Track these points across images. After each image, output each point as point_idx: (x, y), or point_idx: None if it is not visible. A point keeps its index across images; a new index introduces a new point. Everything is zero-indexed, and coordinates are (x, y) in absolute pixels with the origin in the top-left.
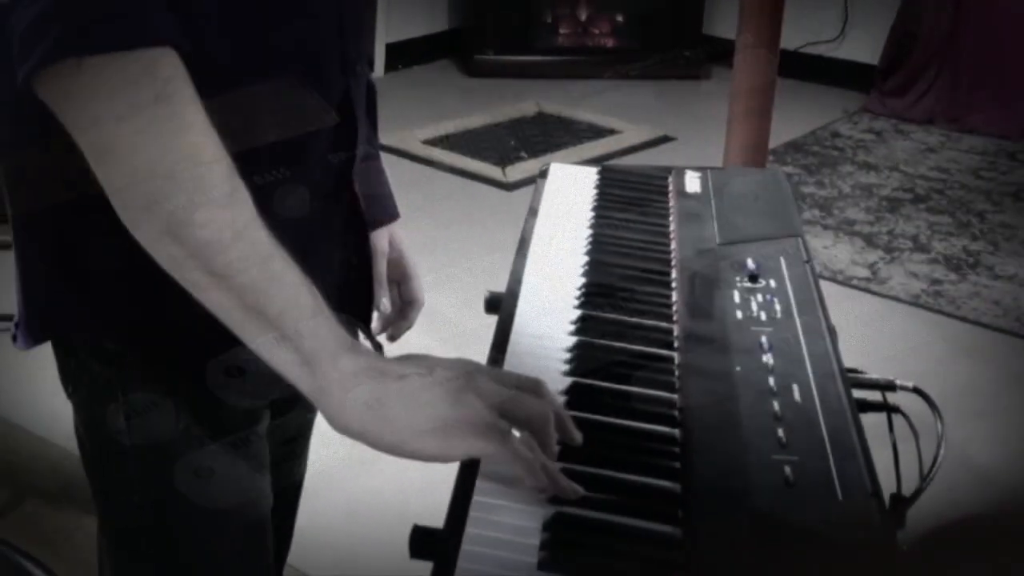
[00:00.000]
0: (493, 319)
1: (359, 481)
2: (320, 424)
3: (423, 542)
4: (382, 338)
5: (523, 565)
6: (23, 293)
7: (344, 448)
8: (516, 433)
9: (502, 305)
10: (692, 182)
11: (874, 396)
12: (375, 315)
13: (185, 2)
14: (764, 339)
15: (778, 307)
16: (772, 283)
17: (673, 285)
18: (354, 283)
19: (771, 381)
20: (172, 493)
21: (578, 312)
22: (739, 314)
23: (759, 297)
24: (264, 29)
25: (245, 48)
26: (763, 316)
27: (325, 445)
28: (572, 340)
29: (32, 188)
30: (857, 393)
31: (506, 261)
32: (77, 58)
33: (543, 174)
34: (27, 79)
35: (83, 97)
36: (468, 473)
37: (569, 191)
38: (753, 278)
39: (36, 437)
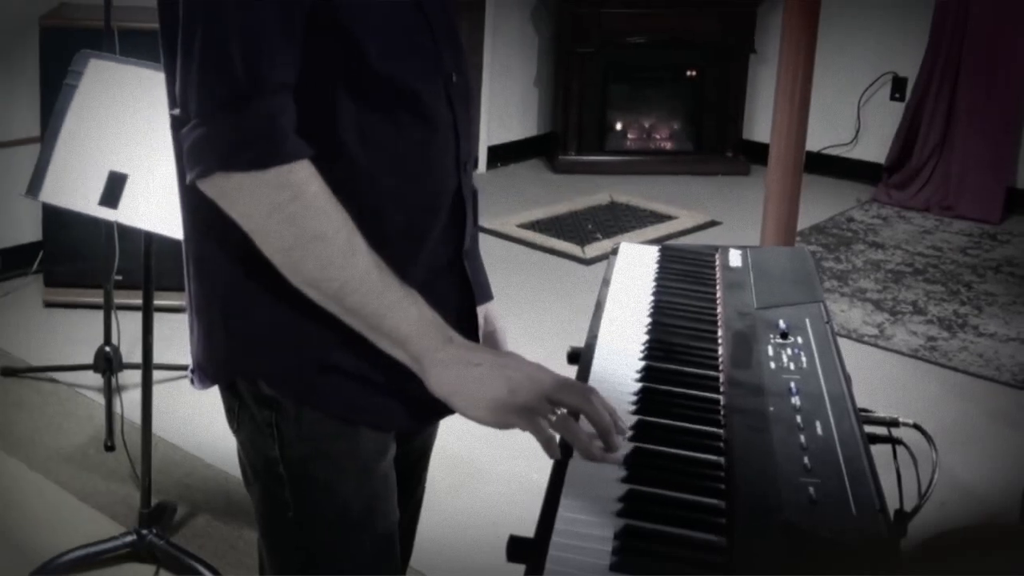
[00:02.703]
0: (574, 369)
1: (466, 497)
2: (437, 449)
3: (517, 548)
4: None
5: (598, 568)
6: (205, 345)
7: (455, 470)
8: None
9: (581, 357)
10: (735, 258)
11: (881, 431)
12: None
13: (328, 127)
14: (792, 384)
15: (804, 359)
16: (799, 339)
17: (719, 341)
18: None
19: (798, 418)
20: (318, 512)
21: (643, 363)
22: (772, 364)
23: (788, 351)
24: (396, 139)
25: (382, 154)
26: (792, 366)
27: (440, 467)
28: (638, 386)
29: (214, 263)
30: (867, 428)
31: (584, 322)
32: (226, 173)
33: (615, 251)
34: (193, 182)
35: (235, 198)
36: (554, 492)
37: (635, 265)
38: (784, 335)
39: (207, 464)
